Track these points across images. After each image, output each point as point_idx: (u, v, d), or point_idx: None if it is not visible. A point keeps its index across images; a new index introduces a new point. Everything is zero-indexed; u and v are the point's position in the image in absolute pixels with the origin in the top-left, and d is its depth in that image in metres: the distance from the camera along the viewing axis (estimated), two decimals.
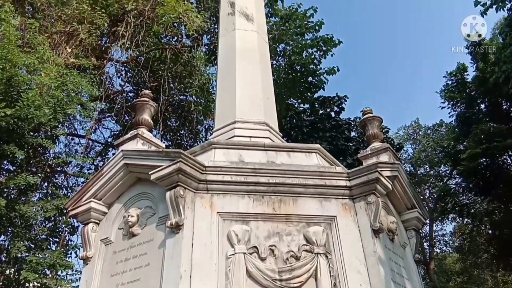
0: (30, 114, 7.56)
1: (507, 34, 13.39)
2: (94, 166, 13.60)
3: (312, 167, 4.63)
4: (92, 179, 4.94)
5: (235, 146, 4.97)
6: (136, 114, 5.36)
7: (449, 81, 19.55)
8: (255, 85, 6.27)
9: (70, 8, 10.60)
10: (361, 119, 5.83)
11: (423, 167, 26.89)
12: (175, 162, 4.00)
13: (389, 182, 4.52)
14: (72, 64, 10.27)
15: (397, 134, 28.03)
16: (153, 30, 12.37)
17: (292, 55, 14.92)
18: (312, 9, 15.22)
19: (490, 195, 17.54)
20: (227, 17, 7.11)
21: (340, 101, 16.52)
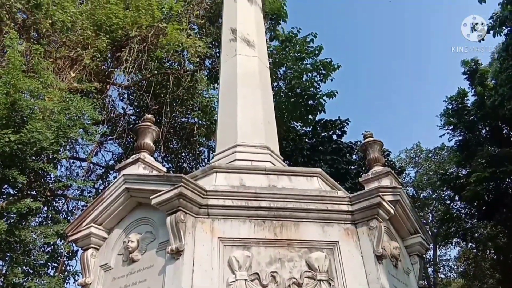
0: (33, 138, 7.60)
1: (504, 58, 13.60)
2: (94, 190, 13.56)
3: (314, 191, 4.61)
4: (92, 204, 4.93)
5: (236, 170, 4.97)
6: (138, 138, 5.39)
7: (449, 105, 19.68)
8: (256, 109, 6.33)
9: (75, 34, 10.81)
10: (362, 143, 5.85)
11: (426, 191, 26.76)
12: (176, 186, 4.00)
13: (391, 206, 4.49)
14: (75, 88, 10.40)
15: (398, 157, 28.04)
16: (156, 55, 12.57)
17: (292, 79, 15.12)
18: (312, 35, 15.52)
19: (493, 219, 17.37)
20: (228, 43, 7.25)
21: (342, 125, 16.60)
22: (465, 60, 19.09)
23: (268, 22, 15.13)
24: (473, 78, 18.85)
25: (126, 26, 11.68)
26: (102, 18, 11.33)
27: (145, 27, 11.98)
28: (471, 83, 19.03)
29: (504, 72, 12.24)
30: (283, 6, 15.55)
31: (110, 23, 11.44)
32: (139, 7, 12.09)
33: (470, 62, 18.95)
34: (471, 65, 18.86)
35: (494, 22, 11.95)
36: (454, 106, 19.31)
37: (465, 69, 19.12)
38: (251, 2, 7.77)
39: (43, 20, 10.16)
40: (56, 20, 10.16)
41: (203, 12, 14.16)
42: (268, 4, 14.68)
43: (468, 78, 19.08)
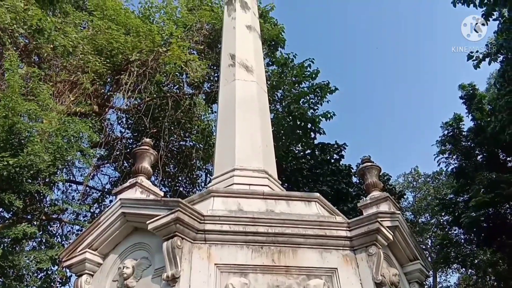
0: (30, 161, 7.58)
1: (502, 84, 13.78)
2: (90, 214, 13.41)
3: (312, 217, 4.57)
4: (88, 228, 4.86)
5: (234, 194, 4.94)
6: (136, 162, 5.37)
7: (445, 131, 19.77)
8: (254, 133, 6.35)
9: (76, 58, 10.96)
10: (360, 167, 5.85)
11: (424, 216, 26.58)
12: (173, 211, 3.96)
13: (390, 232, 4.45)
14: (73, 111, 10.45)
15: (396, 181, 28.00)
16: (155, 79, 12.71)
17: (290, 103, 15.28)
18: (309, 60, 15.79)
19: (492, 246, 17.18)
20: (227, 68, 7.35)
21: (340, 149, 16.63)
22: (463, 85, 19.25)
23: (266, 47, 15.40)
24: (470, 103, 18.99)
25: (126, 50, 11.86)
26: (103, 43, 11.52)
27: (145, 51, 12.16)
28: (468, 108, 19.15)
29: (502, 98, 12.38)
30: (281, 33, 15.87)
31: (110, 48, 11.62)
32: (139, 32, 12.32)
33: (467, 87, 19.09)
34: (469, 89, 19.00)
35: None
36: (450, 132, 19.39)
37: (462, 94, 19.26)
38: (249, 29, 7.93)
39: (45, 45, 10.32)
40: (58, 45, 10.31)
41: (202, 38, 14.42)
42: (267, 31, 14.99)
43: (465, 102, 19.19)
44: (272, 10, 16.33)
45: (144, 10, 14.90)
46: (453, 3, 11.36)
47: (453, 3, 11.35)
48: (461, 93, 19.34)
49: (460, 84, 19.35)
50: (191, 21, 14.33)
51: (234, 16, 8.08)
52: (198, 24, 14.41)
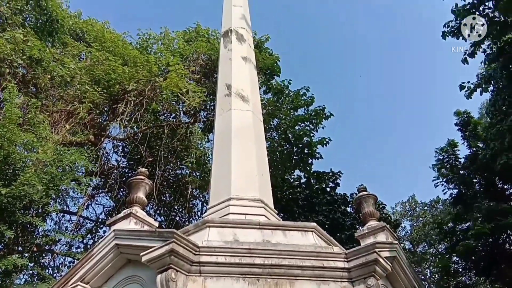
0: (23, 191, 7.50)
1: (493, 113, 14.01)
2: (83, 245, 13.15)
3: (309, 247, 4.51)
4: (80, 261, 4.76)
5: (229, 224, 4.89)
6: (131, 192, 5.33)
7: (440, 156, 19.80)
8: (250, 162, 6.35)
9: (73, 88, 11.06)
10: (356, 196, 5.83)
11: (422, 245, 26.27)
12: (167, 242, 3.89)
13: (388, 263, 4.38)
14: (69, 141, 10.44)
15: (394, 210, 27.85)
16: (151, 107, 12.81)
17: (286, 129, 15.41)
18: (304, 88, 16.04)
19: (492, 275, 16.92)
20: (223, 97, 7.43)
21: (335, 177, 16.62)
22: (458, 111, 19.45)
23: (262, 76, 15.66)
24: (465, 130, 19.13)
25: (123, 80, 12.00)
26: (101, 74, 11.67)
27: (142, 81, 12.30)
28: (463, 135, 19.26)
29: (494, 127, 12.58)
30: (276, 62, 16.19)
31: (108, 78, 11.76)
32: (137, 62, 12.51)
33: (462, 114, 19.28)
34: (464, 116, 19.16)
35: (480, 81, 12.47)
36: (445, 158, 19.42)
37: (457, 120, 19.42)
38: (245, 60, 8.08)
39: (43, 75, 10.43)
40: (56, 75, 10.43)
41: (199, 67, 14.65)
42: (262, 60, 15.28)
43: (461, 129, 19.32)
44: (267, 41, 16.73)
45: (142, 41, 15.22)
46: (442, 36, 11.73)
47: (443, 36, 11.73)
48: (456, 119, 19.50)
49: (456, 111, 19.52)
50: (188, 51, 14.62)
51: (230, 47, 8.24)
52: (195, 54, 14.69)
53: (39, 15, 11.39)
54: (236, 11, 9.08)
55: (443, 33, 11.72)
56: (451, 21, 11.62)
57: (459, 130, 19.39)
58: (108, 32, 13.69)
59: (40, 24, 11.51)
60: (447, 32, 11.64)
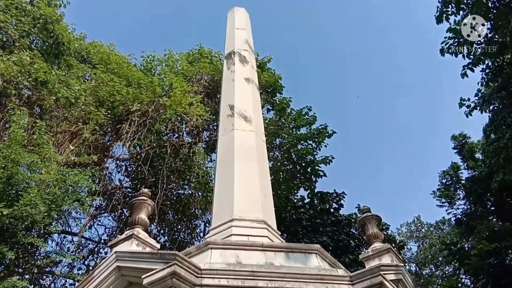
0: (26, 212, 7.48)
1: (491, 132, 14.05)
2: (85, 266, 13.01)
3: (313, 270, 4.44)
4: (81, 283, 4.71)
5: (232, 246, 4.84)
6: (133, 213, 5.31)
7: (443, 179, 19.82)
8: (253, 183, 6.33)
9: (77, 109, 11.17)
10: (360, 218, 5.78)
11: (429, 267, 25.82)
12: (169, 265, 3.85)
13: (393, 286, 4.31)
14: (72, 162, 10.47)
15: (399, 230, 27.52)
16: (155, 128, 12.89)
17: (289, 148, 15.43)
18: (307, 108, 16.14)
19: None
20: (226, 118, 7.47)
21: (339, 197, 16.50)
22: (454, 136, 19.75)
23: (264, 94, 15.78)
24: (463, 152, 19.33)
25: (127, 101, 12.13)
26: (105, 95, 11.80)
27: (146, 102, 12.42)
28: (462, 158, 19.46)
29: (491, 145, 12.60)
30: (278, 80, 16.34)
31: (112, 99, 11.89)
32: (141, 84, 12.67)
33: (458, 137, 19.56)
34: (460, 140, 19.44)
35: (479, 100, 12.53)
36: (449, 180, 19.43)
37: (454, 144, 19.65)
38: (248, 81, 8.17)
39: (48, 97, 10.55)
40: (61, 97, 10.55)
41: (202, 88, 14.80)
42: (264, 78, 15.43)
43: (459, 152, 19.54)
44: (269, 61, 16.96)
45: (146, 63, 15.45)
46: (441, 53, 11.84)
47: (441, 53, 11.83)
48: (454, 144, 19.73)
49: (452, 135, 19.82)
50: (191, 72, 14.81)
51: (233, 69, 8.35)
52: (198, 75, 14.87)
53: (46, 38, 11.62)
54: (239, 33, 9.24)
55: (441, 50, 11.84)
56: (449, 38, 11.73)
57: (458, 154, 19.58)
58: (113, 54, 13.93)
59: (47, 47, 11.73)
60: (446, 50, 11.75)
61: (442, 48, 11.82)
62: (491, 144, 12.70)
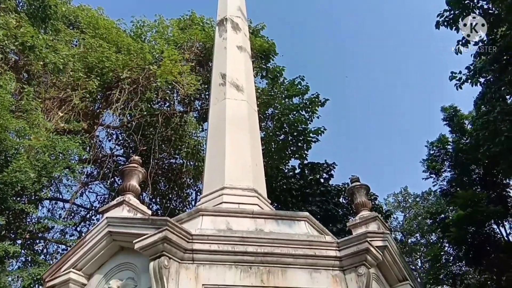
0: (15, 178, 7.45)
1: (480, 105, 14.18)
2: (77, 232, 13.14)
3: (302, 236, 4.55)
4: (73, 248, 4.76)
5: (223, 213, 4.91)
6: (124, 180, 5.32)
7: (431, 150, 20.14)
8: (244, 152, 6.35)
9: (66, 75, 10.93)
10: (349, 187, 5.87)
11: (414, 236, 26.62)
12: (160, 230, 3.90)
13: (379, 252, 4.43)
14: (62, 128, 10.35)
15: (387, 200, 28.13)
16: (146, 96, 12.72)
17: (281, 116, 15.43)
18: (299, 77, 16.02)
19: (481, 264, 17.26)
20: (218, 87, 7.39)
21: (329, 168, 16.67)
22: (445, 107, 19.90)
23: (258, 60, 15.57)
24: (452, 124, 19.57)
25: (117, 68, 11.88)
26: (94, 61, 11.53)
27: (136, 69, 12.19)
28: (451, 129, 19.71)
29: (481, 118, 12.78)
30: (272, 46, 16.10)
31: (101, 66, 11.63)
32: (130, 50, 12.38)
33: (449, 109, 19.73)
34: (450, 111, 19.63)
35: (470, 73, 12.54)
36: (436, 152, 19.77)
37: (444, 116, 19.86)
38: (240, 50, 8.03)
39: (35, 62, 10.28)
40: (48, 62, 10.28)
41: (193, 56, 14.54)
42: (257, 44, 15.17)
43: (448, 124, 19.76)
44: (262, 29, 16.63)
45: (136, 29, 15.04)
46: (436, 26, 11.76)
47: (437, 26, 11.75)
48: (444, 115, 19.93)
49: (442, 107, 19.96)
50: (182, 39, 14.48)
51: (225, 36, 8.18)
52: (189, 42, 14.56)
53: (32, 0, 11.19)
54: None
55: (437, 23, 11.74)
56: (446, 11, 11.62)
57: (447, 125, 19.82)
58: (101, 19, 13.51)
59: (33, 10, 11.30)
60: (441, 22, 11.65)
61: (438, 21, 11.72)
62: (481, 117, 12.84)
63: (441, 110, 20.04)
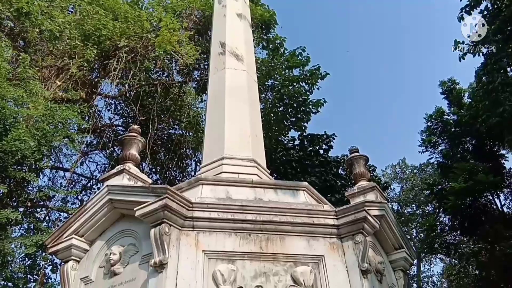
0: (15, 147, 7.46)
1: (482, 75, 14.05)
2: (78, 201, 13.30)
3: (300, 205, 4.60)
4: (74, 214, 4.82)
5: (222, 182, 4.94)
6: (124, 149, 5.33)
7: (429, 123, 20.18)
8: (244, 123, 6.33)
9: (62, 43, 10.73)
10: (348, 157, 5.89)
11: (410, 207, 27.04)
12: (161, 198, 3.95)
13: (376, 221, 4.51)
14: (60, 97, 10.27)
15: (384, 172, 28.35)
16: (144, 65, 12.54)
17: (281, 88, 15.32)
18: (300, 48, 15.80)
19: (475, 234, 17.62)
20: (217, 56, 7.28)
21: (328, 139, 16.72)
22: (443, 81, 19.87)
23: (259, 29, 15.30)
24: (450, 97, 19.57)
25: (114, 36, 11.65)
26: (91, 28, 11.29)
27: (133, 38, 11.96)
28: (449, 103, 19.72)
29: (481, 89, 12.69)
30: (272, 16, 15.78)
31: (98, 34, 11.40)
32: (128, 18, 12.10)
33: (447, 83, 19.70)
34: (449, 85, 19.60)
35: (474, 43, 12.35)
36: (434, 124, 19.82)
37: (443, 89, 19.81)
38: (240, 18, 7.85)
39: (31, 29, 10.07)
40: (44, 29, 10.07)
41: (192, 24, 14.24)
42: (257, 13, 14.85)
43: (447, 97, 19.76)
44: None
45: None
46: None
47: None
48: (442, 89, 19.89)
49: (440, 81, 19.92)
50: (180, 7, 14.14)
51: (224, 3, 7.98)
52: (188, 10, 14.21)
53: None
54: None
55: None
56: None
57: (445, 98, 19.81)
58: None
59: None
60: None
61: None
62: (481, 87, 12.76)
63: (440, 84, 20.03)
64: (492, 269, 17.22)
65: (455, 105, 19.22)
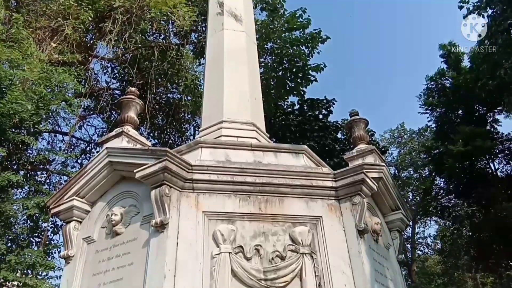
0: (12, 110, 7.39)
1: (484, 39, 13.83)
2: (78, 164, 13.38)
3: (299, 168, 4.63)
4: (75, 176, 4.86)
5: (222, 145, 4.95)
6: (122, 112, 5.28)
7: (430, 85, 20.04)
8: (243, 86, 6.25)
9: (56, 3, 10.39)
10: (348, 121, 5.87)
11: (407, 171, 27.33)
12: (161, 160, 3.96)
13: (374, 183, 4.56)
14: (56, 60, 10.07)
15: (383, 136, 28.43)
16: (140, 27, 12.23)
17: (281, 51, 15.04)
18: (301, 10, 15.37)
19: (470, 197, 17.95)
20: (215, 17, 7.08)
21: (328, 104, 16.65)
22: (442, 44, 19.57)
23: None
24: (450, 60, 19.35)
25: None
26: None
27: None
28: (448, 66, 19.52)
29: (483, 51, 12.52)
30: None
31: None
32: None
33: (447, 46, 19.41)
34: (449, 48, 19.32)
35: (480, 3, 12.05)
36: (434, 86, 19.71)
37: (443, 53, 19.55)
38: None
39: None
40: None
41: None
42: None
43: (446, 61, 19.54)
44: None
45: None
46: None
47: None
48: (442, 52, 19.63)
49: (440, 44, 19.62)
50: None
51: None
52: None
53: None
54: None
55: None
56: None
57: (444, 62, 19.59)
58: None
59: None
60: None
61: None
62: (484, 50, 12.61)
63: (439, 48, 19.75)
64: (485, 230, 17.68)
65: (453, 69, 19.05)
